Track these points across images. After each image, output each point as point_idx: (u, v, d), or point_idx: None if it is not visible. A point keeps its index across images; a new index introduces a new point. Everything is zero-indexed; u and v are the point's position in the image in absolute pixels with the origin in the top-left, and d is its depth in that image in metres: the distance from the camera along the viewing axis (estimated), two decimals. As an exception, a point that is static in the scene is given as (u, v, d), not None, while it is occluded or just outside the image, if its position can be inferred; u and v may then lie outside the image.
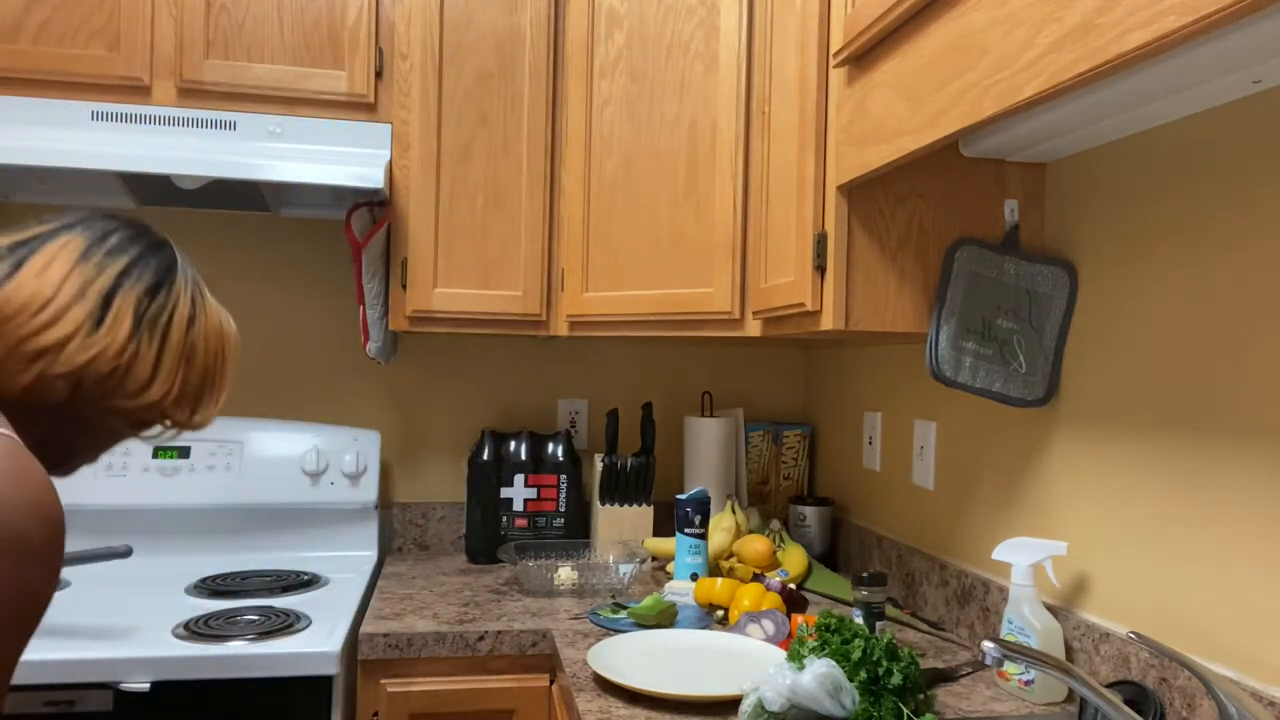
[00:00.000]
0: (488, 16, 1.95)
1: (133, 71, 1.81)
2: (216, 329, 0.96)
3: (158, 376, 0.89)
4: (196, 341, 0.93)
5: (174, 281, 0.92)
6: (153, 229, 0.95)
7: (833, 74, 1.34)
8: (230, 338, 0.99)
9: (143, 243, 0.92)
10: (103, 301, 0.86)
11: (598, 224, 1.91)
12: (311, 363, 2.24)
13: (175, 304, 0.92)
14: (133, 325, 0.87)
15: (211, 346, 0.95)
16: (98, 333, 0.85)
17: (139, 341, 0.88)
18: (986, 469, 1.57)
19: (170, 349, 0.90)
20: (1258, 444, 1.05)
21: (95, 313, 0.85)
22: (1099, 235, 1.32)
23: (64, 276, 0.85)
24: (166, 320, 0.90)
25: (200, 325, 0.94)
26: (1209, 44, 0.90)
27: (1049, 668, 0.93)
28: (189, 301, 0.93)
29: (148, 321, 0.89)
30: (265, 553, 2.08)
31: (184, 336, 0.92)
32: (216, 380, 0.97)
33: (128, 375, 0.87)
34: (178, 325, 0.91)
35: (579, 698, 1.28)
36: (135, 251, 0.91)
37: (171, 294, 0.92)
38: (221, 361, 0.97)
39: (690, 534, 1.85)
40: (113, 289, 0.87)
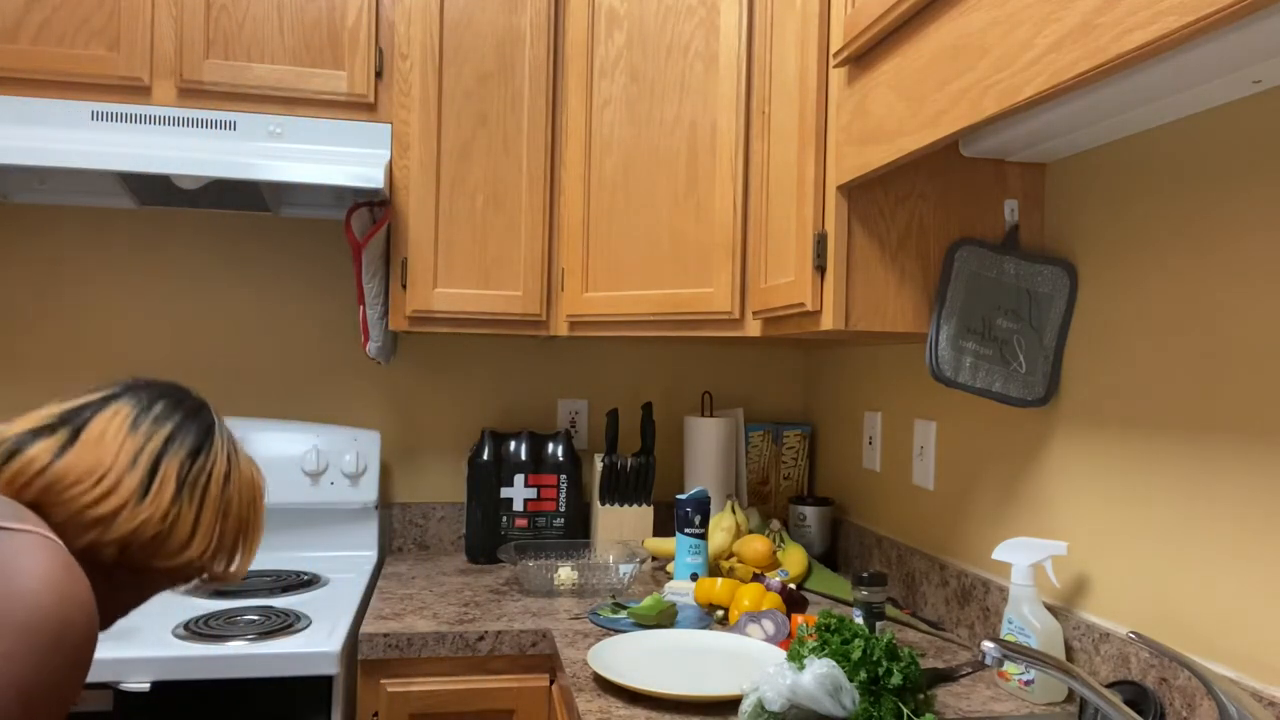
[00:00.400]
0: (488, 16, 1.95)
1: (133, 71, 1.81)
2: (249, 482, 1.01)
3: (197, 534, 0.94)
4: (232, 496, 0.98)
5: (213, 443, 0.97)
6: (191, 392, 1.01)
7: (833, 74, 1.34)
8: (260, 489, 1.03)
9: (184, 409, 0.98)
10: (151, 469, 0.91)
11: (598, 224, 1.91)
12: (311, 363, 2.24)
13: (214, 464, 0.96)
14: (175, 489, 0.92)
15: (245, 499, 1.00)
16: (144, 501, 0.90)
17: (180, 505, 0.92)
18: (986, 469, 1.57)
19: (209, 506, 0.95)
20: (1258, 444, 1.05)
21: (144, 480, 0.90)
22: (1099, 235, 1.32)
23: (119, 446, 0.90)
24: (205, 479, 0.95)
25: (235, 480, 0.99)
26: (1209, 44, 0.89)
27: (1049, 668, 0.93)
28: (225, 459, 0.98)
29: (189, 484, 0.93)
30: (265, 553, 2.08)
31: (221, 493, 0.96)
32: (250, 531, 1.01)
33: (170, 537, 0.92)
34: (215, 482, 0.96)
35: (579, 698, 1.28)
36: (178, 418, 0.96)
37: (210, 455, 0.97)
38: (255, 513, 1.02)
39: (690, 534, 1.85)
40: (159, 455, 0.92)
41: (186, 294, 2.18)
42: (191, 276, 2.19)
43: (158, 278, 2.17)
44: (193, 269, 2.19)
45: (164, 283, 2.17)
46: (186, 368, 2.18)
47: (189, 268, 2.18)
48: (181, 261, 2.18)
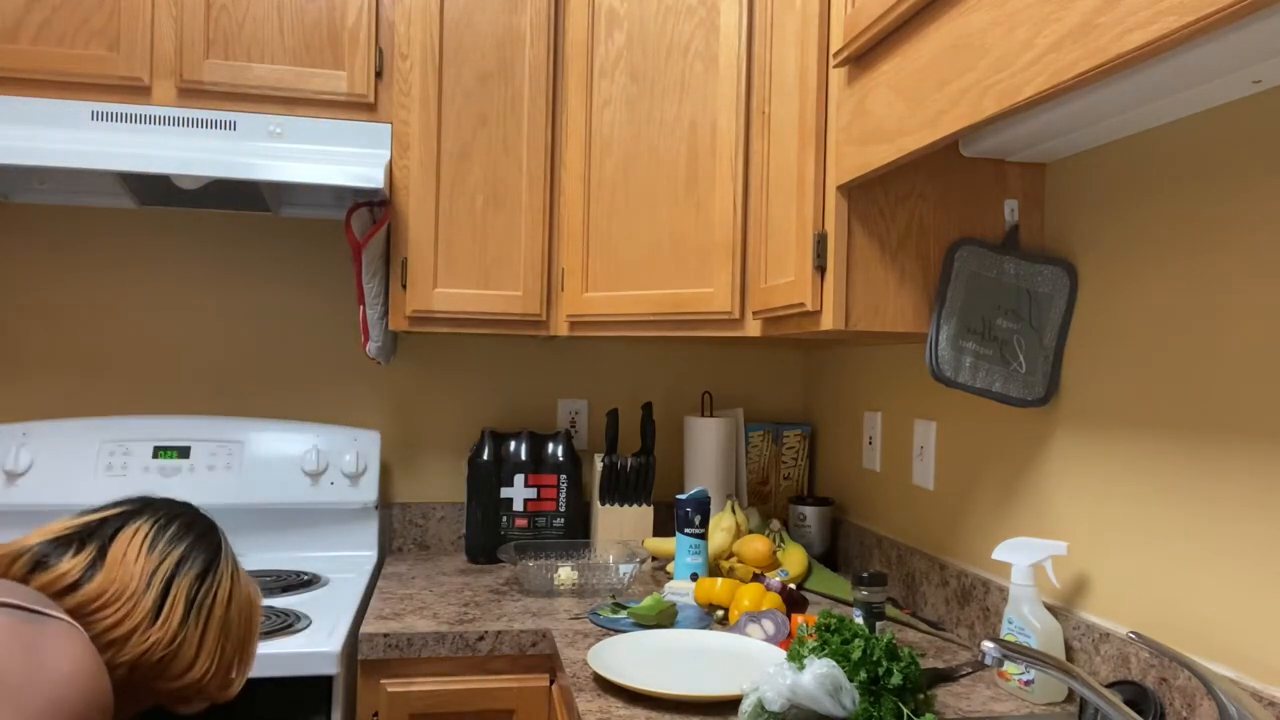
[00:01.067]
0: (488, 16, 1.95)
1: (133, 71, 1.81)
2: (248, 602, 1.04)
3: (200, 655, 0.97)
4: (234, 617, 1.02)
5: (220, 565, 1.01)
6: (201, 513, 1.05)
7: (833, 74, 1.34)
8: (258, 608, 1.07)
9: (196, 530, 1.02)
10: (164, 590, 0.95)
11: (598, 224, 1.91)
12: (311, 363, 2.24)
13: (219, 585, 1.00)
14: (184, 611, 0.96)
15: (244, 618, 1.03)
16: (156, 623, 0.93)
17: (187, 628, 0.96)
18: (986, 469, 1.57)
19: (213, 628, 0.99)
20: (1258, 443, 1.05)
21: (157, 602, 0.94)
22: (1099, 235, 1.32)
23: (141, 567, 0.94)
24: (211, 601, 0.99)
25: (236, 600, 1.02)
26: (1209, 44, 0.89)
27: (1049, 668, 0.93)
28: (229, 580, 1.02)
29: (196, 606, 0.97)
30: (265, 553, 2.08)
31: (225, 614, 1.00)
32: (247, 650, 1.05)
33: (176, 659, 0.95)
34: (220, 604, 1.00)
35: (579, 698, 1.28)
36: (191, 539, 1.00)
37: (217, 577, 1.00)
38: (251, 633, 1.05)
39: (690, 534, 1.85)
40: (171, 576, 0.96)
41: (186, 294, 2.18)
42: (191, 276, 2.19)
43: (158, 278, 2.17)
44: (193, 269, 2.19)
45: (164, 283, 2.17)
46: (186, 367, 2.18)
47: (189, 268, 2.18)
48: (181, 261, 2.18)
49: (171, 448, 2.04)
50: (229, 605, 1.01)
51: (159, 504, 1.02)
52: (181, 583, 0.96)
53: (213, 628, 0.98)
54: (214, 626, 0.98)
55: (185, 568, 0.97)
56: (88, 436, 2.02)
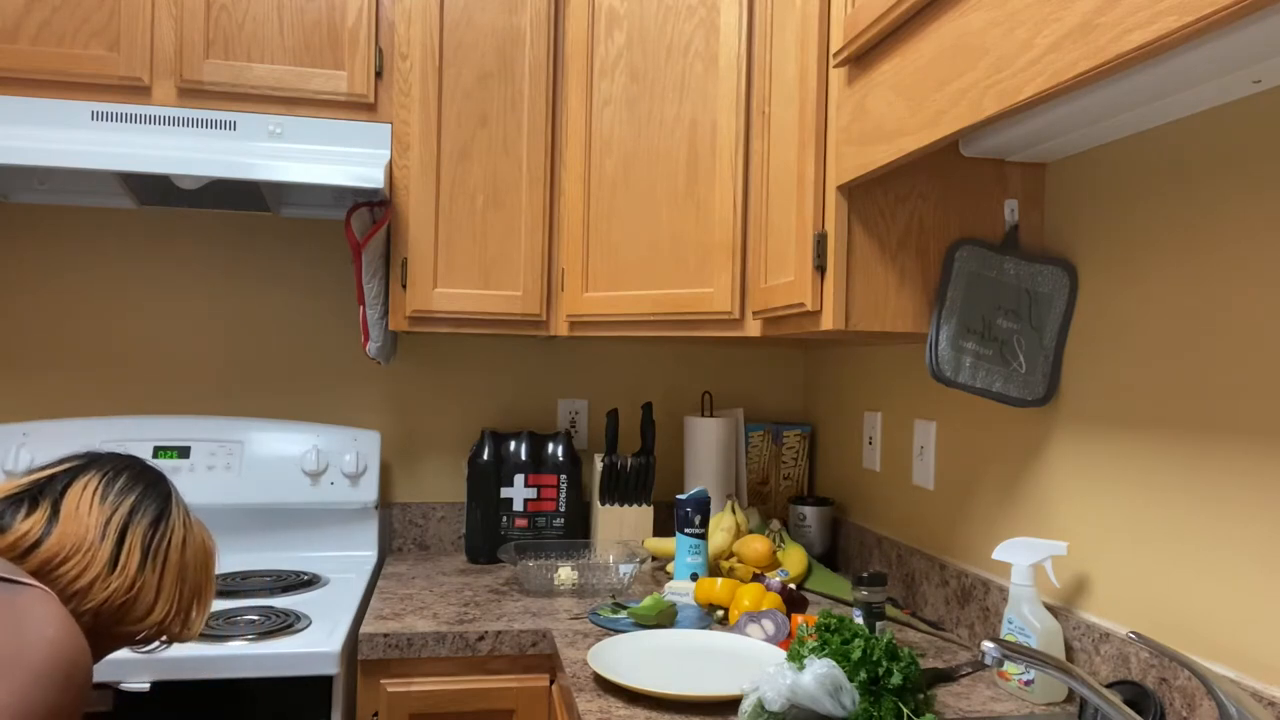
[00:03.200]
0: (488, 16, 1.95)
1: (133, 71, 1.81)
2: (201, 546, 1.07)
3: (159, 600, 1.00)
4: (189, 561, 1.04)
5: (170, 512, 1.04)
6: (148, 464, 1.07)
7: (833, 74, 1.34)
8: (212, 553, 1.10)
9: (145, 479, 1.04)
10: (118, 539, 0.97)
11: (597, 224, 1.91)
12: (311, 363, 2.24)
13: (172, 531, 1.03)
14: (140, 558, 0.98)
15: (199, 563, 1.06)
16: (114, 572, 0.96)
17: (145, 573, 0.99)
18: (986, 469, 1.57)
19: (169, 572, 1.02)
20: (1258, 443, 1.05)
21: (113, 551, 0.97)
22: (1099, 235, 1.32)
23: (95, 519, 0.97)
24: (165, 547, 1.02)
25: (190, 545, 1.05)
26: (1209, 44, 0.89)
27: (1049, 668, 0.93)
28: (182, 526, 1.05)
29: (152, 553, 1.00)
30: (265, 553, 2.08)
31: (180, 559, 1.03)
32: (204, 593, 1.08)
33: (136, 604, 0.98)
34: (175, 549, 1.03)
35: (579, 698, 1.28)
36: (140, 488, 1.02)
37: (169, 523, 1.03)
38: (207, 576, 1.08)
39: (690, 534, 1.85)
40: (125, 525, 0.98)
41: (186, 294, 2.18)
42: (191, 276, 2.19)
43: (157, 278, 2.17)
44: (192, 269, 2.19)
45: (164, 283, 2.17)
46: (186, 367, 2.18)
47: (189, 268, 2.18)
48: (181, 261, 2.18)
49: (171, 448, 2.04)
50: (183, 550, 1.03)
51: (105, 457, 1.04)
52: (135, 531, 0.99)
53: (169, 572, 1.01)
54: (170, 571, 1.01)
55: (138, 516, 1.00)
56: (88, 436, 2.02)
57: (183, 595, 1.03)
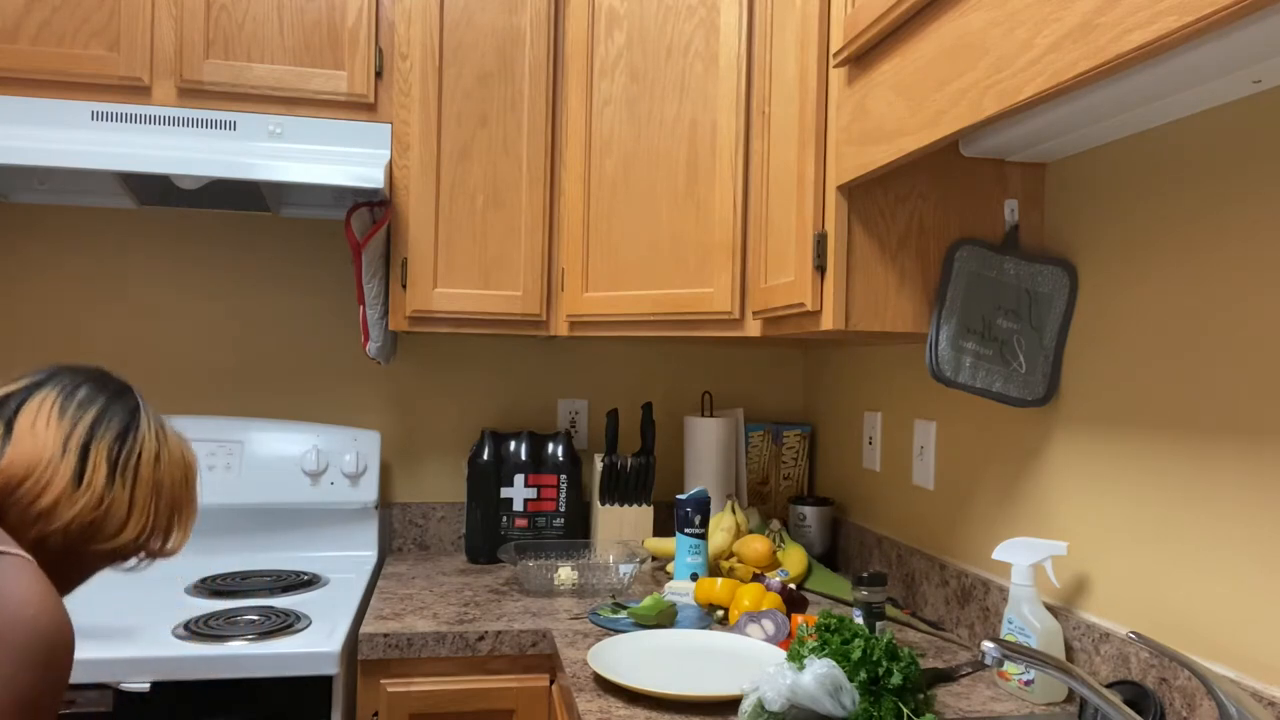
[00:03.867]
0: (488, 16, 1.95)
1: (133, 71, 1.81)
2: (179, 460, 1.02)
3: (132, 516, 0.96)
4: (164, 476, 1.00)
5: (139, 424, 0.99)
6: (113, 375, 1.02)
7: (833, 74, 1.34)
8: (192, 467, 1.05)
9: (108, 391, 0.99)
10: (81, 455, 0.93)
11: (597, 224, 1.91)
12: (311, 363, 2.24)
13: (143, 445, 0.98)
14: (107, 473, 0.94)
15: (176, 477, 1.02)
16: (79, 488, 0.92)
17: (114, 488, 0.95)
18: (986, 469, 1.57)
19: (141, 487, 0.97)
20: (1258, 443, 1.05)
21: (76, 467, 0.92)
22: (1099, 235, 1.32)
23: (51, 436, 0.92)
24: (136, 461, 0.97)
25: (165, 459, 1.00)
26: (1209, 44, 0.89)
27: (1049, 668, 0.93)
28: (154, 439, 1.00)
29: (120, 467, 0.96)
30: (265, 553, 2.08)
31: (153, 473, 0.99)
32: (185, 509, 1.04)
33: (107, 520, 0.94)
34: (146, 464, 0.98)
35: (579, 698, 1.28)
36: (102, 401, 0.97)
37: (138, 437, 0.98)
38: (187, 490, 1.04)
39: (690, 534, 1.85)
40: (88, 441, 0.94)
41: (186, 294, 2.18)
42: (191, 276, 2.19)
43: (157, 278, 2.17)
44: (192, 269, 2.19)
45: (163, 283, 2.17)
46: (186, 367, 2.18)
47: (188, 268, 2.18)
48: (181, 261, 2.18)
49: (171, 448, 2.04)
50: (156, 464, 0.99)
51: (64, 371, 0.99)
52: (100, 445, 0.94)
53: (142, 487, 0.97)
54: (143, 486, 0.97)
55: (101, 430, 0.95)
56: (88, 436, 2.01)
57: (158, 511, 0.99)
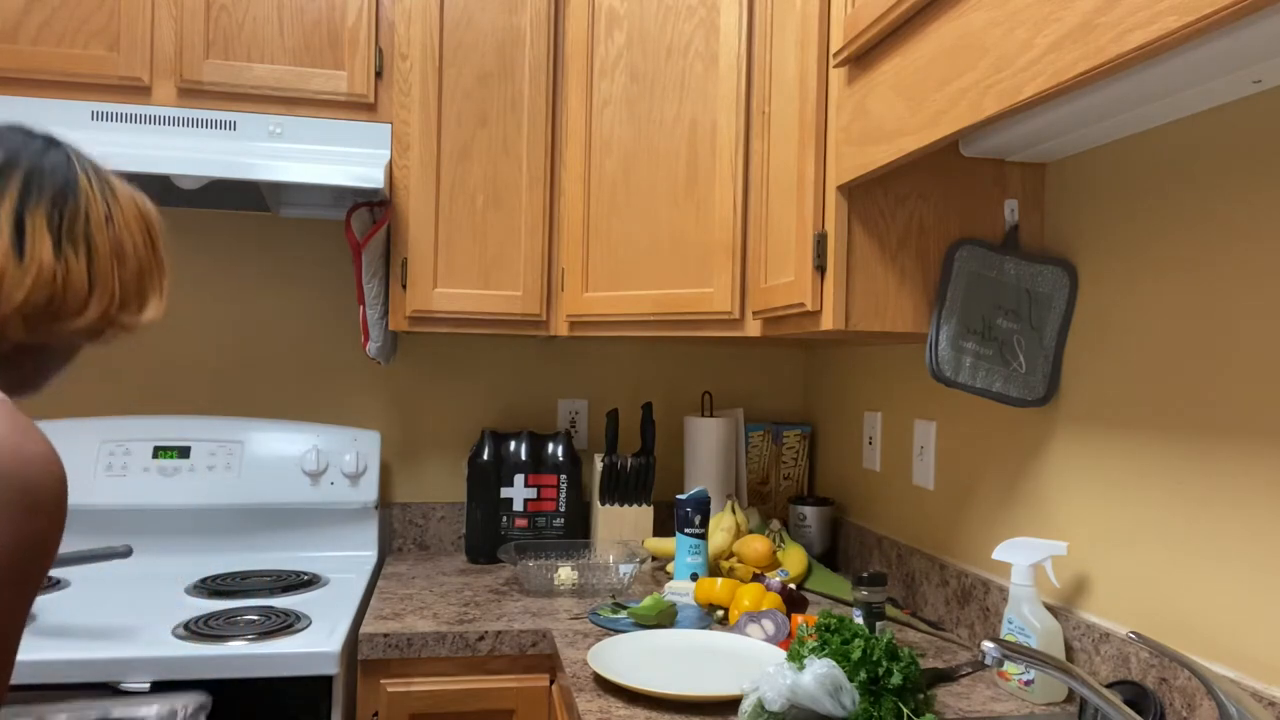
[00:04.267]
0: (488, 16, 1.95)
1: (133, 71, 1.81)
2: (135, 217, 0.92)
3: (95, 287, 0.87)
4: (122, 238, 0.90)
5: (76, 182, 0.88)
6: (33, 130, 0.89)
7: (833, 74, 1.34)
8: (153, 220, 0.95)
9: (29, 151, 0.87)
10: (15, 227, 0.83)
11: (597, 224, 1.91)
12: (311, 363, 2.24)
13: (88, 207, 0.88)
14: (53, 243, 0.84)
15: (138, 239, 0.92)
16: (24, 263, 0.82)
17: (64, 259, 0.85)
18: (986, 469, 1.57)
19: (98, 254, 0.87)
20: (1258, 443, 1.05)
21: (13, 241, 0.82)
22: (1099, 235, 1.32)
23: None
24: (84, 225, 0.87)
25: (118, 219, 0.90)
26: (1209, 44, 0.89)
27: (1049, 668, 0.93)
28: (100, 198, 0.89)
29: (66, 234, 0.85)
30: (265, 553, 2.08)
31: (108, 235, 0.88)
32: (153, 271, 0.94)
33: (67, 295, 0.85)
34: (97, 227, 0.88)
35: (579, 698, 1.28)
36: (26, 164, 0.86)
37: (79, 197, 0.87)
38: (153, 250, 0.94)
39: (690, 534, 1.85)
40: (19, 211, 0.83)
41: (186, 294, 2.18)
42: (191, 276, 2.19)
43: (158, 278, 2.17)
44: (192, 269, 2.19)
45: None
46: (186, 367, 2.18)
47: (188, 268, 2.18)
48: (181, 261, 2.18)
49: (171, 448, 2.04)
50: (109, 226, 0.88)
51: None
52: (34, 215, 0.84)
53: (99, 253, 0.87)
54: (100, 251, 0.87)
55: (31, 198, 0.84)
56: (87, 436, 2.02)
57: (124, 281, 0.89)
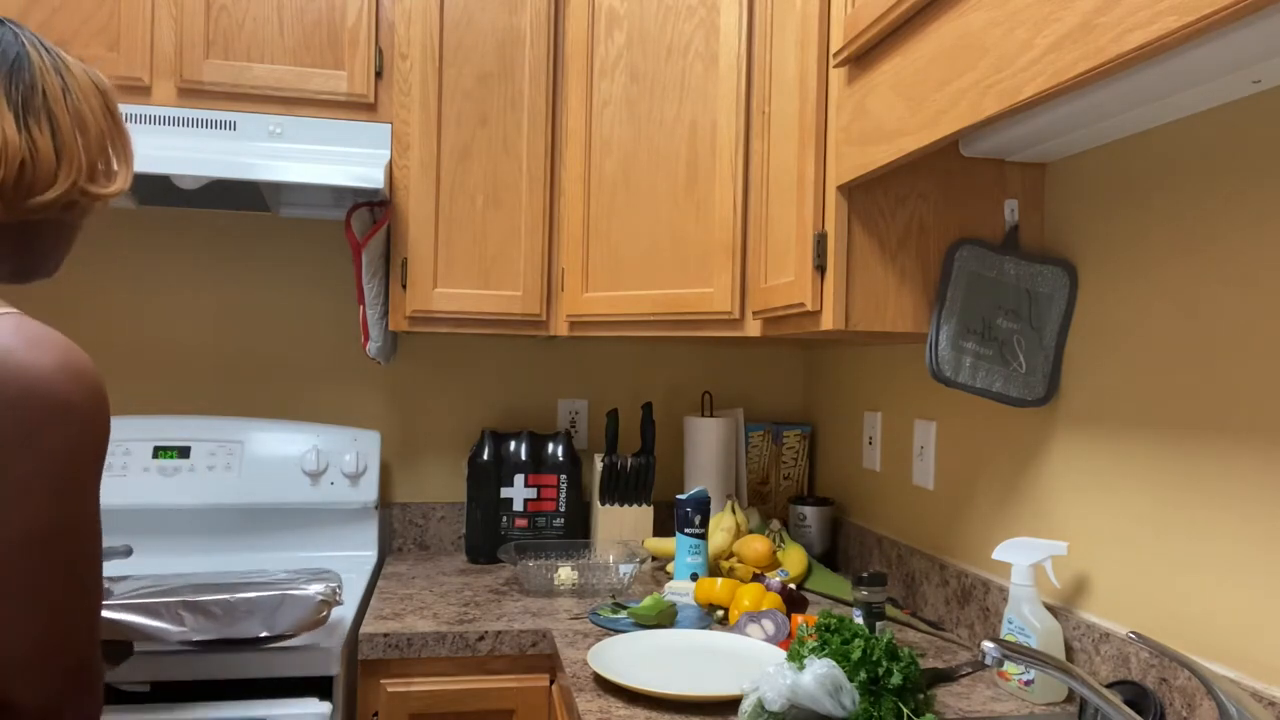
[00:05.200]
0: (488, 16, 1.95)
1: (133, 71, 1.81)
2: (90, 89, 0.95)
3: (63, 157, 0.90)
4: (81, 109, 0.93)
5: (29, 57, 0.91)
6: None
7: (833, 74, 1.34)
8: (108, 90, 0.98)
9: None
10: None
11: (597, 224, 1.91)
12: (311, 363, 2.24)
13: (44, 81, 0.90)
14: (15, 119, 0.87)
15: (95, 108, 0.94)
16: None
17: (29, 132, 0.88)
18: (986, 469, 1.57)
19: (61, 126, 0.90)
20: (1258, 443, 1.05)
21: None
22: (1099, 235, 1.32)
23: None
24: (42, 100, 0.89)
25: (75, 90, 0.93)
26: (1209, 44, 0.89)
27: (1049, 668, 0.93)
28: (54, 72, 0.92)
29: (26, 108, 0.88)
30: (265, 553, 2.08)
31: (66, 109, 0.91)
32: (116, 139, 0.97)
33: (36, 169, 0.88)
34: (56, 101, 0.91)
35: (579, 698, 1.28)
36: None
37: (32, 70, 0.90)
38: (113, 119, 0.97)
39: (690, 534, 1.85)
40: None
41: (186, 294, 2.18)
42: (191, 276, 2.19)
43: (157, 278, 2.17)
44: (192, 269, 2.19)
45: (163, 283, 2.17)
46: (186, 367, 2.18)
47: (189, 268, 2.18)
48: (181, 261, 2.18)
49: (171, 448, 2.04)
50: (66, 97, 0.92)
51: None
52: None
53: (60, 125, 0.90)
54: (61, 124, 0.90)
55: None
56: (88, 436, 2.01)
57: (88, 150, 0.93)
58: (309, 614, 1.44)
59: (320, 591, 1.47)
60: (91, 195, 0.94)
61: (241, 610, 1.42)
